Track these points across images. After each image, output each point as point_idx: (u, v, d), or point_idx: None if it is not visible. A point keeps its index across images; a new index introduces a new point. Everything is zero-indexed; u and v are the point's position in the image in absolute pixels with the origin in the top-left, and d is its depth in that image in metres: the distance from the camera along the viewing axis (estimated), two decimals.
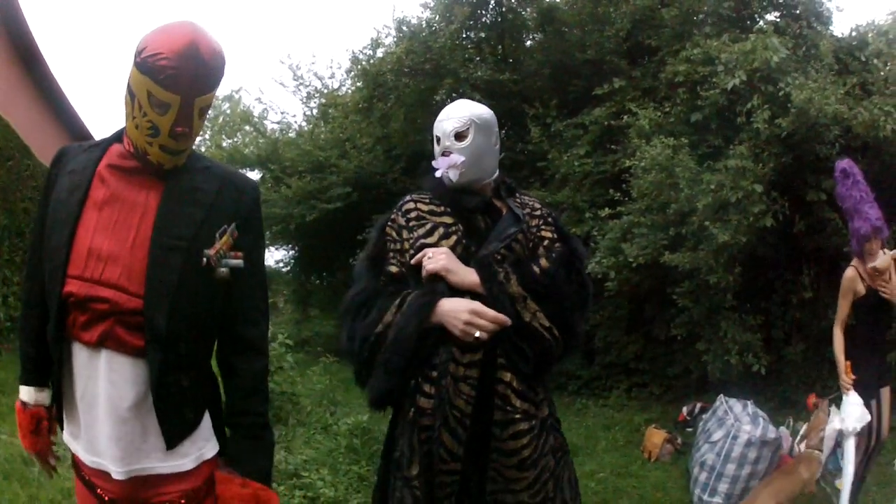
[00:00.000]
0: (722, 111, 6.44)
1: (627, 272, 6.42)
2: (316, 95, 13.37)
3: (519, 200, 1.99)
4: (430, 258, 1.81)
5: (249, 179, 1.67)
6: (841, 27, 19.97)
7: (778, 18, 7.31)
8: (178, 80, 1.37)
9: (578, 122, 8.02)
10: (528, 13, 9.51)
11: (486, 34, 9.72)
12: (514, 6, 9.42)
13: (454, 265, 1.80)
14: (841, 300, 3.84)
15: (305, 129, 13.46)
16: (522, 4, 9.41)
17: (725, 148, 6.22)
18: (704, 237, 5.73)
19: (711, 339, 6.19)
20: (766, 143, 5.89)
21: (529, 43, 9.96)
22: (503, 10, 9.37)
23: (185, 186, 1.50)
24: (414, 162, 10.03)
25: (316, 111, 13.59)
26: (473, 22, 9.37)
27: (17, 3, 10.10)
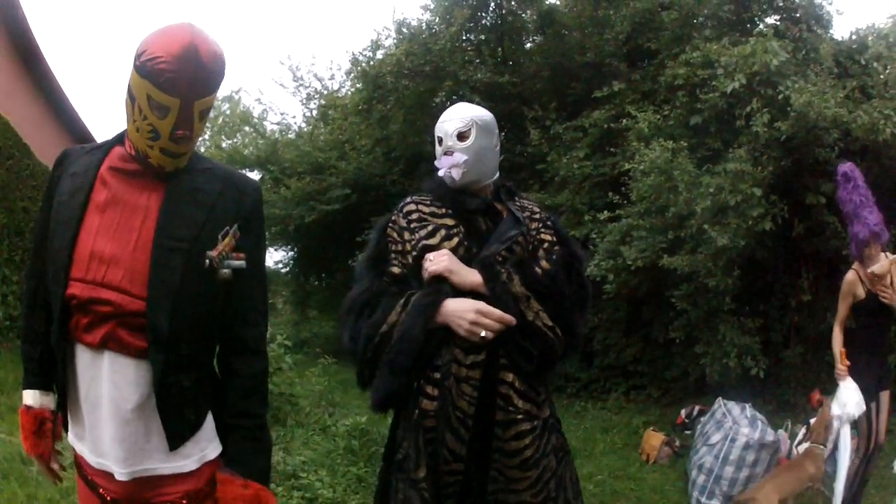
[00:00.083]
0: (721, 114, 6.44)
1: (626, 275, 6.42)
2: (315, 97, 13.41)
3: (518, 204, 2.00)
4: (431, 261, 1.81)
5: (251, 180, 1.67)
6: (841, 31, 20.10)
7: (778, 22, 7.30)
8: (177, 83, 1.37)
9: (578, 124, 8.02)
10: (527, 16, 9.51)
11: (485, 36, 9.72)
12: (513, 9, 9.41)
13: (456, 266, 1.80)
14: (840, 302, 3.91)
15: (305, 130, 13.48)
16: (522, 7, 9.40)
17: (724, 151, 6.22)
18: (703, 240, 5.73)
19: (710, 341, 6.18)
20: (765, 146, 5.89)
21: (529, 45, 9.97)
22: (503, 12, 9.37)
23: (186, 188, 1.50)
24: (413, 164, 10.04)
25: (315, 112, 13.62)
26: (473, 24, 9.36)
27: (17, 1, 10.09)
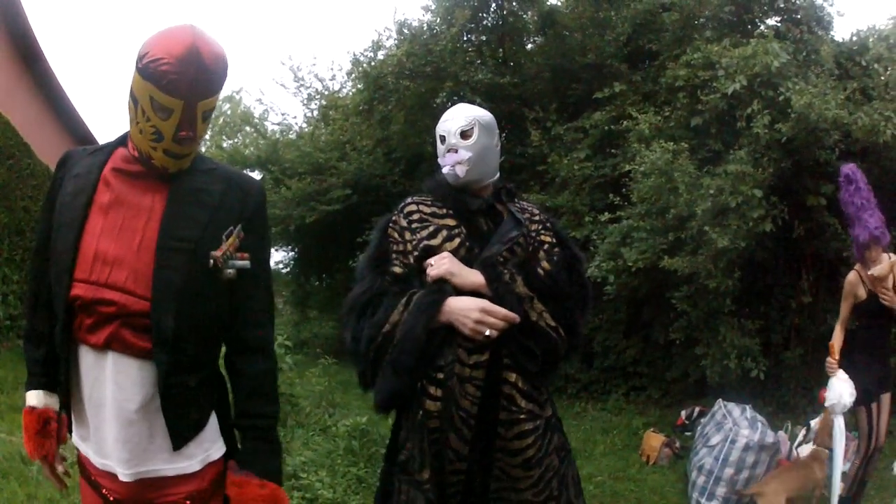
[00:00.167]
0: (722, 116, 6.44)
1: (626, 276, 6.41)
2: (316, 97, 13.40)
3: (518, 205, 2.00)
4: (432, 265, 1.81)
5: (255, 181, 1.67)
6: (842, 32, 20.01)
7: (779, 23, 7.30)
8: (179, 84, 1.37)
9: (578, 125, 8.02)
10: (528, 16, 9.50)
11: (486, 37, 9.72)
12: (514, 9, 9.40)
13: (457, 268, 1.80)
14: (842, 302, 3.98)
15: (306, 130, 13.47)
16: (523, 8, 9.39)
17: (725, 152, 6.22)
18: (704, 242, 5.73)
19: (710, 343, 6.18)
20: (765, 147, 5.90)
21: (530, 46, 9.96)
22: (504, 13, 9.36)
23: (189, 188, 1.50)
24: (414, 164, 10.04)
25: (316, 113, 13.61)
26: (474, 25, 9.35)
27: (18, 0, 10.09)
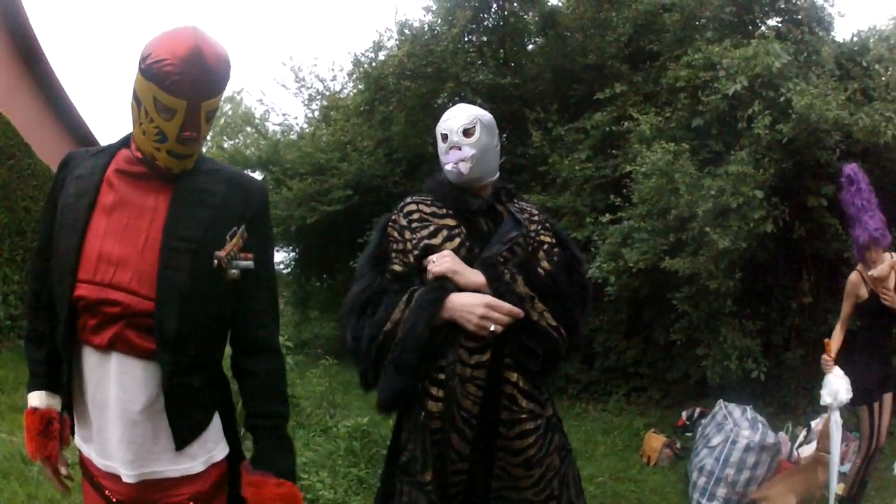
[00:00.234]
0: (723, 116, 6.44)
1: (627, 277, 6.41)
2: (317, 97, 13.39)
3: (517, 206, 2.00)
4: (434, 262, 1.81)
5: (257, 182, 1.68)
6: (842, 32, 20.07)
7: (779, 24, 7.30)
8: (183, 85, 1.38)
9: (579, 126, 8.01)
10: (529, 17, 9.50)
11: (487, 38, 9.71)
12: (515, 10, 9.40)
13: (459, 267, 1.80)
14: (844, 302, 4.00)
15: (307, 131, 13.46)
16: (524, 8, 9.38)
17: (726, 153, 6.22)
18: (705, 242, 5.73)
19: (711, 344, 6.18)
20: (766, 148, 5.89)
21: (531, 47, 9.95)
22: (505, 13, 9.36)
23: (193, 189, 1.51)
24: (415, 165, 10.03)
25: (317, 113, 13.60)
26: (475, 25, 9.35)
27: (18, 0, 10.10)
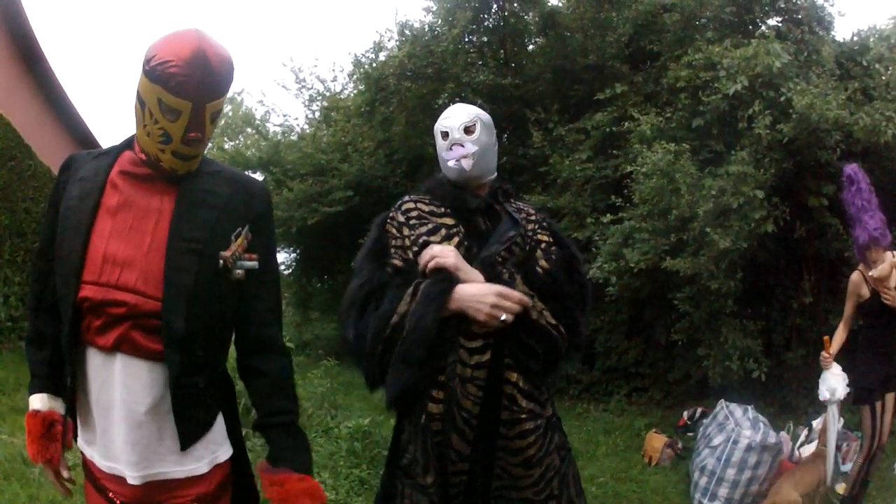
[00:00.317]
0: (723, 116, 6.43)
1: (628, 277, 6.41)
2: (318, 98, 13.40)
3: (515, 205, 2.00)
4: (436, 254, 1.77)
5: (259, 183, 1.69)
6: (843, 32, 20.07)
7: (780, 23, 7.29)
8: (187, 86, 1.39)
9: (580, 126, 8.00)
10: (530, 17, 9.49)
11: (488, 38, 9.71)
12: (516, 10, 9.40)
13: (462, 263, 1.78)
14: (846, 301, 4.03)
15: (307, 132, 13.46)
16: (524, 9, 9.38)
17: (727, 153, 6.21)
18: (705, 243, 5.72)
19: (712, 344, 6.18)
20: (767, 148, 5.89)
21: (531, 47, 9.95)
22: (505, 14, 9.36)
23: (197, 190, 1.52)
24: (415, 166, 10.03)
25: (318, 114, 13.60)
26: (476, 26, 9.35)
27: (19, 1, 10.11)
